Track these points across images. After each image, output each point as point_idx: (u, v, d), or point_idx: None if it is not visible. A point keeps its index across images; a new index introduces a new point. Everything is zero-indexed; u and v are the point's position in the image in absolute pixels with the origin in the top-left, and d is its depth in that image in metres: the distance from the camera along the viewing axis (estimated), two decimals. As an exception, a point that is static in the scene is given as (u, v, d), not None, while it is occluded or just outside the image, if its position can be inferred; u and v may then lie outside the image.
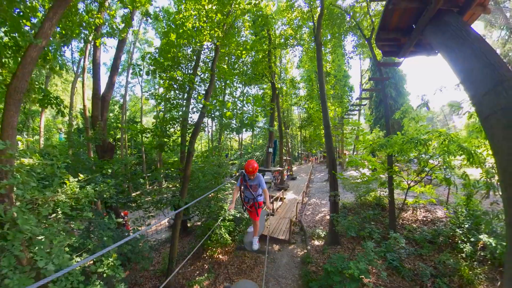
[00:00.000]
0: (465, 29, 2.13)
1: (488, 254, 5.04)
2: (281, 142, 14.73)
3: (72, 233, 4.03)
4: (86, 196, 3.41)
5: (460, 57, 2.08)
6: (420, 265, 5.47)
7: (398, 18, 2.83)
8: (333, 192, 6.36)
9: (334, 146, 14.00)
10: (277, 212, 10.08)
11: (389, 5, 2.59)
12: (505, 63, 1.85)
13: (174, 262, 6.48)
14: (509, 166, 1.60)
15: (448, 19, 2.26)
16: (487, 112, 1.76)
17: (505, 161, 1.64)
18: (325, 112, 7.08)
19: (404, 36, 3.01)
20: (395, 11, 2.71)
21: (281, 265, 6.71)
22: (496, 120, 1.68)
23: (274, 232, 8.09)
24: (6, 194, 2.71)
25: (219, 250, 7.65)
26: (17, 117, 3.10)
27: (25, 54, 3.05)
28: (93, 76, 7.57)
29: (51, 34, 3.55)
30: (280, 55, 15.18)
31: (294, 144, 36.80)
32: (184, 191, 5.51)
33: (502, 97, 1.63)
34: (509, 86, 1.63)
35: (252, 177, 3.30)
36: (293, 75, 24.26)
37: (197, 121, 5.61)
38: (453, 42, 2.13)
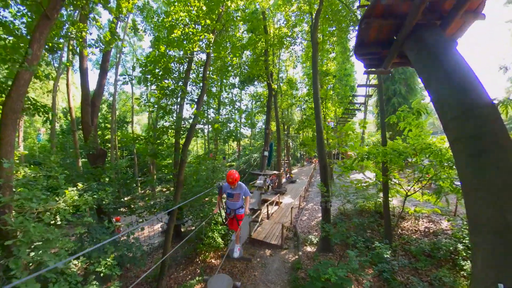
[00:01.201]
0: (443, 47, 2.37)
1: None
2: (279, 144, 15.38)
3: (69, 239, 4.71)
4: (85, 203, 4.08)
5: (433, 78, 2.29)
6: (413, 279, 5.48)
7: (376, 33, 2.97)
8: (323, 198, 7.01)
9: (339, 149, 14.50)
10: (271, 217, 10.75)
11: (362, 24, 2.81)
12: (480, 88, 1.98)
13: (166, 267, 7.17)
14: (471, 192, 1.85)
15: (427, 35, 2.49)
16: (453, 137, 2.01)
17: (467, 187, 1.90)
18: (318, 116, 7.69)
19: (385, 49, 3.12)
20: (372, 27, 2.86)
21: (272, 270, 7.39)
22: (461, 146, 1.90)
23: (267, 237, 8.77)
24: (7, 206, 3.35)
25: (212, 255, 8.35)
26: (14, 135, 3.72)
27: (18, 77, 3.59)
28: (81, 84, 8.07)
29: (41, 55, 4.16)
30: (278, 54, 15.76)
31: (296, 145, 37.36)
32: (178, 196, 6.20)
33: (470, 124, 1.84)
34: (478, 114, 1.83)
35: (233, 187, 3.81)
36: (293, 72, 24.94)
37: (189, 130, 6.28)
38: (428, 61, 2.36)
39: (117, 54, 21.41)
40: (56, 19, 4.50)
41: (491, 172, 1.74)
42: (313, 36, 9.31)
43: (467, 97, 1.96)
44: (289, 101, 20.39)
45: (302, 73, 24.06)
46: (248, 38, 13.29)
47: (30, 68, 3.52)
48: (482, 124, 1.87)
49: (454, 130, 2.01)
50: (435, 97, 2.31)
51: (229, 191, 3.92)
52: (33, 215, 3.67)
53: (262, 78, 13.49)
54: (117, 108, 27.29)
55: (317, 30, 9.85)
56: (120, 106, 29.47)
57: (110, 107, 23.12)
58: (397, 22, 2.66)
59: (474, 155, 1.81)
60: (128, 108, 27.23)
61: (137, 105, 23.09)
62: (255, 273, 7.25)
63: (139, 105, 23.96)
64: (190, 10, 7.56)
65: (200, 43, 7.48)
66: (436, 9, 2.56)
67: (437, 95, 2.28)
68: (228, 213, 4.11)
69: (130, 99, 26.06)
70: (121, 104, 29.92)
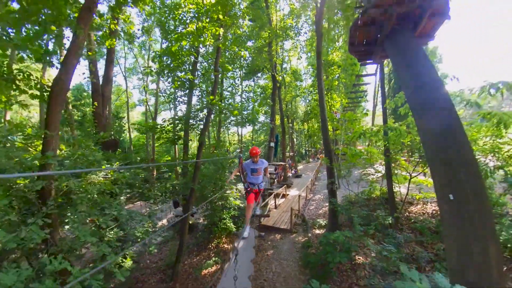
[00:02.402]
0: (411, 47, 3.66)
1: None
2: (284, 136, 16.58)
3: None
4: (124, 177, 5.26)
5: (401, 73, 3.75)
6: (418, 249, 6.41)
7: (363, 36, 4.54)
8: (330, 179, 8.22)
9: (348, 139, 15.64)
10: (279, 207, 11.98)
11: (351, 31, 4.41)
12: (437, 82, 3.15)
13: (182, 253, 8.34)
14: (427, 149, 3.25)
15: (399, 37, 3.83)
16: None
17: (423, 142, 3.32)
18: (322, 106, 8.88)
19: (372, 46, 4.81)
20: (360, 32, 4.50)
21: (283, 250, 8.61)
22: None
23: (276, 223, 9.99)
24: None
25: (224, 240, 9.56)
26: (60, 114, 4.86)
27: (67, 61, 4.77)
28: (90, 75, 9.31)
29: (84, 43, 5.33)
30: (282, 44, 16.90)
31: (300, 140, 38.49)
32: (196, 177, 7.40)
33: (428, 115, 3.17)
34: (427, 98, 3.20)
35: (256, 160, 4.38)
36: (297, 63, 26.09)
37: (206, 118, 7.47)
38: (399, 59, 3.79)
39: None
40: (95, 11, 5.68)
41: (444, 147, 2.96)
42: (318, 26, 10.38)
43: (425, 91, 3.21)
44: (293, 93, 21.55)
45: (306, 62, 25.14)
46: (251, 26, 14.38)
47: (76, 54, 4.72)
48: (437, 113, 3.13)
49: (418, 120, 3.30)
50: (402, 85, 3.59)
51: (252, 167, 4.46)
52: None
53: (266, 70, 14.65)
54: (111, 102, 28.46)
55: (321, 20, 10.94)
56: (112, 100, 30.61)
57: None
58: (378, 28, 3.92)
59: (436, 133, 3.08)
60: (123, 102, 28.23)
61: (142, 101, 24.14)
62: (267, 253, 8.47)
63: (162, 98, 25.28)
64: (200, 2, 8.71)
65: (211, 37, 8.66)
66: (409, 16, 3.77)
67: (403, 84, 3.58)
68: (251, 187, 4.54)
69: (124, 94, 27.23)
70: (113, 98, 31.07)
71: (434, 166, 3.12)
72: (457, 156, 2.86)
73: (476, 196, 2.78)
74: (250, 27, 12.36)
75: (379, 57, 4.86)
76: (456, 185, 2.81)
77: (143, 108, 36.53)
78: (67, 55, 4.66)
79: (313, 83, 21.24)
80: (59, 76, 4.53)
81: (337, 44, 18.20)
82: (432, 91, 3.24)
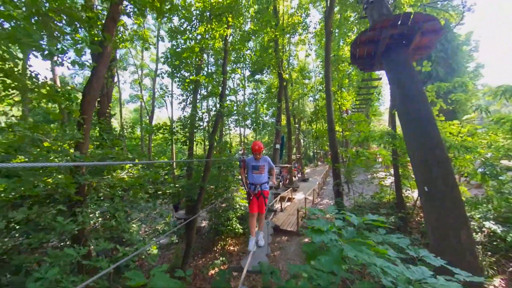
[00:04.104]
0: (401, 64, 5.03)
1: (501, 243, 5.76)
2: (290, 138, 17.77)
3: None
4: (146, 174, 6.50)
5: (392, 85, 5.06)
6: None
7: (363, 51, 5.84)
8: (335, 181, 9.40)
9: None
10: (286, 210, 13.18)
11: (352, 48, 5.65)
12: (420, 95, 4.60)
13: (190, 255, 9.56)
14: (410, 150, 4.55)
15: (392, 53, 5.22)
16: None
17: (407, 145, 4.61)
18: (330, 108, 10.07)
19: (372, 59, 6.05)
20: (359, 48, 5.73)
21: (290, 251, 9.80)
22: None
23: (283, 225, 11.17)
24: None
25: (230, 242, 10.77)
26: (91, 117, 6.10)
27: (97, 69, 5.99)
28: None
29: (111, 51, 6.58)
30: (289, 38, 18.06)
31: (308, 142, 39.58)
32: (206, 176, 8.64)
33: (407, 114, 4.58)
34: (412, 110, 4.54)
35: (259, 156, 4.30)
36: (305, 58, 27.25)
37: (215, 121, 8.73)
38: (392, 73, 5.10)
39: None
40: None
41: (422, 149, 4.16)
42: (327, 23, 11.50)
43: (410, 102, 4.47)
44: (301, 91, 22.73)
45: (315, 54, 26.02)
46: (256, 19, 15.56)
47: (105, 63, 5.95)
48: (418, 121, 4.36)
49: (403, 126, 4.54)
50: (391, 93, 4.83)
51: (254, 164, 4.36)
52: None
53: (272, 68, 15.86)
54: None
55: (331, 17, 12.07)
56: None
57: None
58: (375, 45, 5.16)
59: (416, 138, 4.31)
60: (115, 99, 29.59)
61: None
62: (274, 254, 9.67)
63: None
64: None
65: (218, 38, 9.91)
66: (402, 35, 4.97)
67: (393, 93, 4.81)
68: (253, 190, 4.38)
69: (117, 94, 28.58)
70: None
71: (415, 165, 4.32)
72: (432, 156, 4.06)
73: (448, 190, 3.98)
74: (255, 24, 13.57)
75: (378, 68, 6.11)
76: (430, 180, 4.01)
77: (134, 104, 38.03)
78: (98, 64, 5.88)
79: (322, 79, 22.36)
80: (90, 84, 5.77)
81: (348, 37, 19.34)
82: (416, 103, 4.45)
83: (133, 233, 5.16)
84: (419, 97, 4.47)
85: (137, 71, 26.46)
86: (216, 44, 9.15)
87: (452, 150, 6.92)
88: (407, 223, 9.13)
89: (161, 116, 42.18)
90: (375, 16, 5.57)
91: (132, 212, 5.61)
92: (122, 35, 7.86)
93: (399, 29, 4.82)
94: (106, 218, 5.66)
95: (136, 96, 27.30)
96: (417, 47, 5.39)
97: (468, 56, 20.36)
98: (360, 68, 6.56)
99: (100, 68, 5.89)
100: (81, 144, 5.36)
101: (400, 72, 4.96)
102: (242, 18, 10.90)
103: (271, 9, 16.08)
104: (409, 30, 4.82)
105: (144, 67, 24.91)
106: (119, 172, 6.45)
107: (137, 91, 29.03)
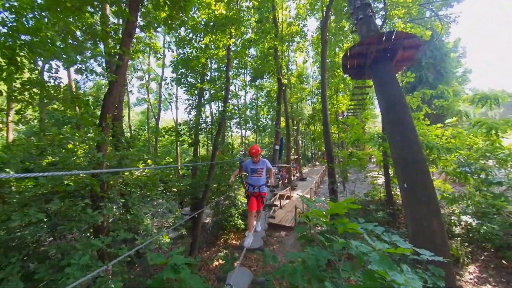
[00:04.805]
0: (385, 76, 5.53)
1: (476, 235, 6.31)
2: (288, 139, 18.23)
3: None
4: (158, 174, 6.97)
5: (378, 94, 5.51)
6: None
7: (353, 62, 6.32)
8: (330, 179, 9.85)
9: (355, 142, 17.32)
10: (284, 207, 13.64)
11: (342, 60, 6.13)
12: (402, 104, 5.10)
13: (196, 248, 10.02)
14: (393, 153, 5.02)
15: (378, 65, 5.72)
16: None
17: (390, 148, 5.08)
18: (325, 112, 10.52)
19: (362, 69, 6.52)
20: (350, 60, 6.21)
21: (288, 245, 10.25)
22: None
23: (282, 221, 11.63)
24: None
25: (233, 236, 11.22)
26: (110, 121, 6.58)
27: (116, 83, 6.48)
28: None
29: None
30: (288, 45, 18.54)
31: (306, 143, 40.05)
32: (210, 176, 9.12)
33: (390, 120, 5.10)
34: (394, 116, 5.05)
35: (256, 159, 4.37)
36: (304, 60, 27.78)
37: (219, 124, 9.22)
38: (377, 83, 5.57)
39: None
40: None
41: (402, 151, 4.63)
42: (323, 33, 11.99)
43: (393, 110, 4.91)
44: (299, 94, 23.23)
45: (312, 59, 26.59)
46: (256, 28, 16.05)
47: (123, 73, 6.43)
48: (397, 117, 4.81)
49: (388, 132, 5.00)
50: (379, 102, 5.29)
51: (252, 167, 4.42)
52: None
53: (272, 73, 16.34)
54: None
55: (326, 28, 12.56)
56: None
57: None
58: (364, 57, 5.64)
59: (398, 142, 4.79)
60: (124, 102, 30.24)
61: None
62: (273, 247, 10.12)
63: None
64: (210, 12, 10.42)
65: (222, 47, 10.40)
66: (386, 50, 5.44)
67: (379, 101, 5.30)
68: (251, 191, 4.48)
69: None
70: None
71: (396, 164, 4.78)
72: (411, 157, 4.52)
73: (423, 186, 4.44)
74: (256, 33, 14.06)
75: (367, 77, 6.59)
76: (408, 178, 4.48)
77: (140, 107, 38.71)
78: (117, 74, 6.37)
79: (319, 83, 22.88)
80: (110, 92, 6.24)
81: (343, 45, 19.84)
82: (397, 110, 4.92)
83: (148, 225, 5.62)
84: (400, 105, 4.93)
85: (144, 76, 27.10)
86: (220, 53, 9.60)
87: (435, 151, 7.38)
88: (396, 218, 9.57)
89: (166, 118, 42.75)
90: (364, 31, 6.04)
91: (146, 207, 6.06)
92: (136, 46, 8.35)
93: (384, 45, 5.29)
94: (122, 212, 6.14)
95: (143, 99, 27.84)
96: (400, 59, 5.88)
97: (456, 62, 20.94)
98: (352, 77, 7.03)
99: (118, 78, 6.37)
100: (102, 146, 5.84)
101: (385, 82, 5.43)
102: (244, 28, 11.36)
103: (271, 18, 16.60)
104: (392, 46, 5.29)
105: (150, 72, 25.42)
106: (134, 172, 6.93)
107: (144, 95, 29.63)
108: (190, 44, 10.15)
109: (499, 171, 6.71)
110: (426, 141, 7.68)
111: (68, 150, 5.58)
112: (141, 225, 5.62)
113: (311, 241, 9.54)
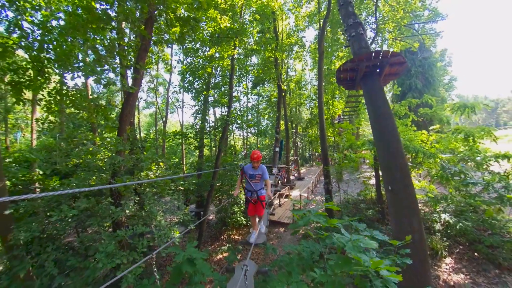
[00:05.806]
0: (373, 89, 5.93)
1: (454, 231, 6.97)
2: (288, 142, 18.63)
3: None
4: (169, 174, 7.37)
5: (368, 105, 5.86)
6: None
7: (346, 76, 6.70)
8: (325, 180, 10.23)
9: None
10: (283, 205, 14.03)
11: (336, 75, 6.53)
12: (388, 116, 5.54)
13: (202, 240, 10.43)
14: (379, 158, 5.40)
15: (367, 79, 6.11)
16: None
17: (378, 154, 5.46)
18: (321, 117, 10.92)
19: (354, 82, 6.91)
20: (343, 74, 6.60)
21: (286, 239, 10.64)
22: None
23: (280, 218, 12.01)
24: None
25: (235, 232, 11.62)
26: (127, 127, 6.99)
27: (130, 98, 6.88)
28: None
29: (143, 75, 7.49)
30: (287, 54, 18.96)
31: (304, 144, 40.43)
32: (215, 176, 9.53)
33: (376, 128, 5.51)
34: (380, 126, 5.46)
35: (256, 165, 4.37)
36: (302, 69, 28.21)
37: (223, 129, 9.63)
38: (367, 96, 5.95)
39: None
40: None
41: (387, 157, 5.02)
42: (320, 44, 12.34)
43: (380, 120, 5.30)
44: (297, 99, 23.65)
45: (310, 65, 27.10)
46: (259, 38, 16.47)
47: (139, 85, 6.83)
48: (384, 126, 5.20)
49: (376, 139, 5.38)
50: (368, 113, 5.67)
51: (251, 172, 4.41)
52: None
53: (273, 81, 16.76)
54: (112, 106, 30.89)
55: (323, 38, 12.94)
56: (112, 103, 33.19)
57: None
58: (355, 72, 6.03)
59: (384, 149, 5.12)
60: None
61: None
62: (272, 242, 10.51)
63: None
64: (216, 24, 10.84)
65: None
66: (374, 66, 5.84)
67: (369, 112, 5.69)
68: (249, 196, 4.49)
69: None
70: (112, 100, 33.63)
71: (382, 168, 5.18)
72: (394, 163, 4.91)
73: (404, 189, 4.83)
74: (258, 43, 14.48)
75: (359, 89, 6.98)
76: (393, 181, 4.86)
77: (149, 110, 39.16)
78: (134, 85, 6.77)
79: (316, 89, 23.28)
80: (127, 101, 6.64)
81: (343, 47, 20.21)
82: (384, 120, 5.31)
83: (160, 221, 6.02)
84: (386, 115, 5.33)
85: (153, 80, 27.56)
86: (224, 63, 10.01)
87: (420, 155, 7.77)
88: (384, 216, 9.94)
89: (172, 120, 43.14)
90: (356, 47, 6.43)
91: (158, 204, 6.47)
92: (149, 59, 8.77)
93: (373, 61, 5.69)
94: (137, 209, 6.54)
95: (152, 102, 28.28)
96: (388, 74, 6.27)
97: (443, 71, 21.52)
98: (345, 88, 7.43)
99: (135, 89, 6.78)
100: (121, 151, 6.25)
101: (374, 94, 5.81)
102: (247, 39, 11.77)
103: (272, 28, 17.02)
104: (380, 62, 5.69)
105: (158, 77, 25.87)
106: (146, 173, 7.34)
107: (152, 98, 30.11)
108: (197, 54, 10.58)
109: (475, 174, 7.12)
110: (412, 146, 8.07)
111: (90, 153, 5.99)
112: (154, 220, 6.02)
113: (308, 236, 9.92)
